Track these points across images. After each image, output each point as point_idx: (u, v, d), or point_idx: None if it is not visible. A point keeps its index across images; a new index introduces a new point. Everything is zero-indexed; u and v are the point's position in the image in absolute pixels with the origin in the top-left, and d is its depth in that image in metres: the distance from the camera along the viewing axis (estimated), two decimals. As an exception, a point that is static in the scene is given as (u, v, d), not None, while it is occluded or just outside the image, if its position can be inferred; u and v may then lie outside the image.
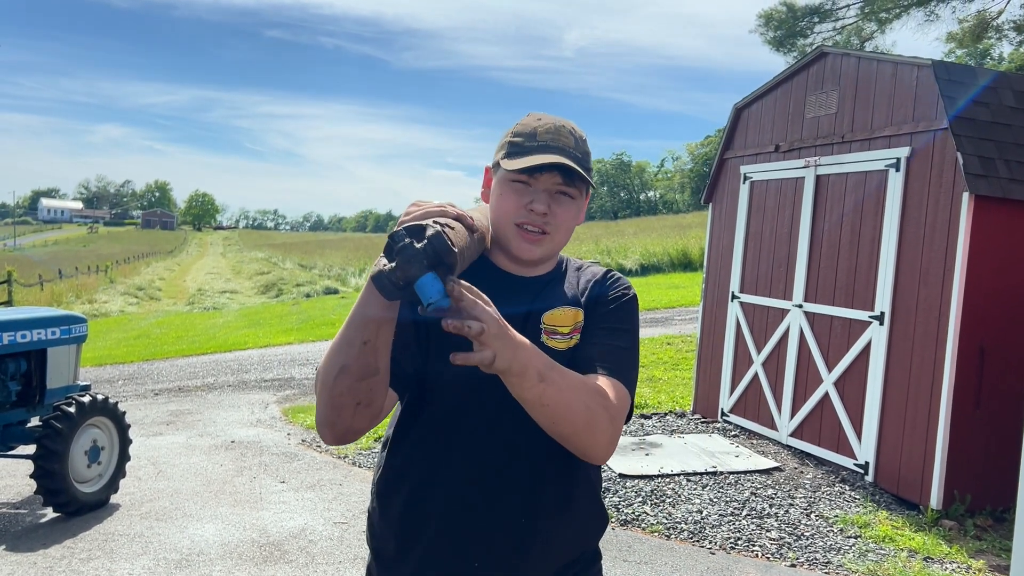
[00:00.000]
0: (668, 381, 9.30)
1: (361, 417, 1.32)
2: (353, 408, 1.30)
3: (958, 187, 4.98)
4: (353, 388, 1.28)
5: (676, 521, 4.91)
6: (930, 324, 5.16)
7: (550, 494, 1.49)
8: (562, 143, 1.45)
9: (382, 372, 1.30)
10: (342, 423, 1.32)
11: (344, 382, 1.28)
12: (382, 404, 1.36)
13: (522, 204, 1.45)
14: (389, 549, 1.52)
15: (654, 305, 17.78)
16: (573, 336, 1.50)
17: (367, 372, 1.28)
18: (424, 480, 1.48)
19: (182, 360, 11.74)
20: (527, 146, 1.45)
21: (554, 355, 1.42)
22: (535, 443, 1.44)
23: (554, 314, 1.50)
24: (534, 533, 1.47)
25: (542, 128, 1.46)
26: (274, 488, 5.45)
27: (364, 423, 1.34)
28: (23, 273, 24.08)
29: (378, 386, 1.31)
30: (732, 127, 7.32)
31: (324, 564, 4.23)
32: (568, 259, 1.65)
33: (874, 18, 19.62)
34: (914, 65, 5.38)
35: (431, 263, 1.12)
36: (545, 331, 1.48)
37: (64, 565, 4.13)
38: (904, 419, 5.34)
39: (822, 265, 6.12)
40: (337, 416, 1.31)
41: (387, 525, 1.52)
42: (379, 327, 1.26)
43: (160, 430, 7.07)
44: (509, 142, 1.48)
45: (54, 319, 5.10)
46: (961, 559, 4.47)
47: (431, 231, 1.14)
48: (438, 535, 1.47)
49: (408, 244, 1.12)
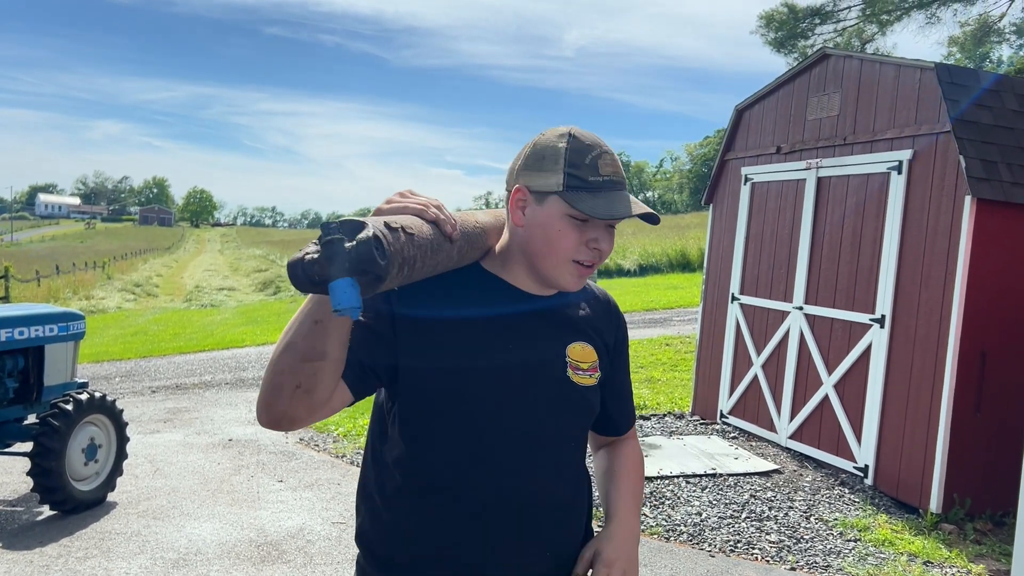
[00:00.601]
0: (667, 382, 9.28)
1: (299, 403, 1.25)
2: (292, 391, 1.24)
3: (960, 190, 4.97)
4: (295, 368, 1.23)
5: (675, 523, 4.89)
6: (931, 327, 5.15)
7: (560, 512, 1.48)
8: (621, 175, 1.39)
9: (329, 358, 1.24)
10: (278, 405, 1.26)
11: (287, 359, 1.23)
12: (326, 396, 1.27)
13: (583, 241, 1.38)
14: (390, 554, 1.46)
15: (653, 306, 17.76)
16: (593, 374, 1.49)
17: (313, 354, 1.22)
18: (433, 485, 1.42)
19: (179, 357, 11.71)
20: (592, 182, 1.35)
21: (580, 391, 1.47)
22: (558, 455, 1.47)
23: (575, 348, 1.49)
24: (545, 546, 1.46)
25: (602, 161, 1.37)
26: (272, 487, 5.43)
27: (301, 411, 1.26)
28: (20, 269, 24.04)
29: (323, 373, 1.24)
30: (733, 128, 7.30)
31: (322, 564, 4.21)
32: None
33: (875, 20, 19.63)
34: (917, 67, 5.36)
35: (352, 269, 1.02)
36: (571, 365, 1.47)
37: (61, 563, 4.11)
38: (904, 422, 5.33)
39: (823, 267, 6.11)
40: (275, 397, 1.25)
41: (390, 530, 1.46)
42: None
43: (157, 428, 7.04)
44: (569, 174, 1.35)
45: (52, 316, 5.07)
46: (961, 563, 4.46)
47: (365, 234, 1.03)
48: (441, 544, 1.41)
49: (336, 240, 1.02)
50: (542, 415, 1.43)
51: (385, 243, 1.05)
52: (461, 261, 1.38)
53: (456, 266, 1.39)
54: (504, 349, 1.41)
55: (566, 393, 1.45)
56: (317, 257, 1.03)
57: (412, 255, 1.13)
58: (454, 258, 1.32)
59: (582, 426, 1.52)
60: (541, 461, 1.44)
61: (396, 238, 1.09)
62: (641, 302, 18.23)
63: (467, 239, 1.37)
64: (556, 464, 1.46)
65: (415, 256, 1.14)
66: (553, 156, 1.37)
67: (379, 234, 1.05)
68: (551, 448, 1.45)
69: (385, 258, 1.04)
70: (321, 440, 6.68)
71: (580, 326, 1.52)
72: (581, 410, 1.49)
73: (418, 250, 1.15)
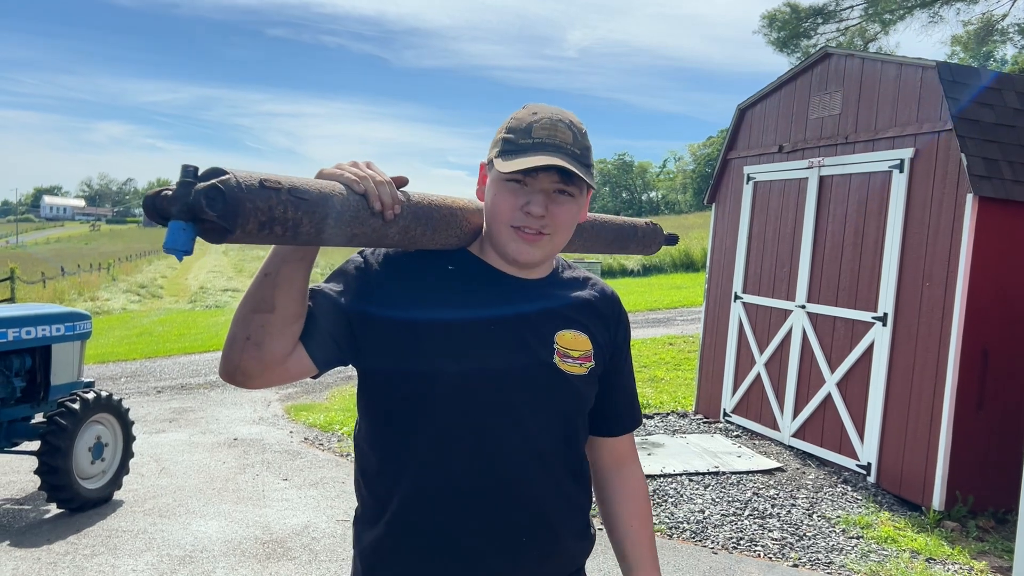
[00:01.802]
0: (670, 381, 9.30)
1: (249, 357, 1.27)
2: (243, 343, 1.27)
3: (962, 188, 4.98)
4: (246, 319, 1.27)
5: (678, 521, 4.91)
6: (933, 325, 5.17)
7: (553, 508, 1.43)
8: (559, 139, 1.34)
9: (278, 312, 1.26)
10: (232, 358, 1.28)
11: (240, 311, 1.28)
12: (277, 353, 1.28)
13: (517, 206, 1.35)
14: (378, 554, 1.43)
15: (656, 305, 17.78)
16: (584, 363, 1.45)
17: (262, 305, 1.26)
18: (422, 484, 1.38)
19: (184, 358, 11.75)
20: (522, 144, 1.34)
21: (566, 378, 1.42)
22: (544, 453, 1.41)
23: (566, 336, 1.44)
24: (534, 547, 1.41)
25: (538, 123, 1.35)
26: (277, 485, 5.45)
27: (252, 365, 1.27)
28: (25, 271, 24.12)
29: (271, 327, 1.26)
30: (736, 128, 7.32)
31: (327, 561, 4.24)
32: (562, 261, 1.57)
33: (878, 19, 19.63)
34: (919, 66, 5.38)
35: (185, 213, 1.03)
36: (558, 352, 1.43)
37: (68, 561, 4.14)
38: (907, 420, 5.34)
39: (825, 266, 6.12)
40: (229, 348, 1.29)
41: (380, 530, 1.43)
42: (281, 262, 1.26)
43: (163, 427, 7.08)
44: (503, 139, 1.37)
45: (58, 316, 5.10)
46: (963, 560, 4.47)
47: (206, 184, 1.03)
48: (433, 544, 1.38)
49: (186, 183, 1.04)
50: (518, 402, 1.39)
51: (233, 195, 1.04)
52: (419, 240, 1.35)
53: (413, 245, 1.36)
54: (484, 332, 1.39)
55: (550, 379, 1.41)
56: (168, 194, 1.06)
57: (294, 216, 1.12)
58: (393, 236, 1.29)
59: (569, 415, 1.45)
60: (522, 449, 1.39)
61: (267, 196, 1.08)
62: (645, 302, 18.25)
63: (423, 219, 1.33)
64: (540, 452, 1.41)
65: (300, 218, 1.12)
66: (500, 128, 1.40)
67: (225, 186, 1.04)
68: (534, 437, 1.40)
69: (220, 209, 1.03)
70: (326, 439, 6.71)
71: (573, 314, 1.48)
72: (567, 398, 1.43)
73: (308, 215, 1.14)
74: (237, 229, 1.06)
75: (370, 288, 1.39)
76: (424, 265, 1.43)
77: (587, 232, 1.72)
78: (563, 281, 1.51)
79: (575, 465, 1.48)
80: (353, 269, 1.43)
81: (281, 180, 1.12)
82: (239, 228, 1.06)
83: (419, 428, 1.37)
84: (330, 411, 7.72)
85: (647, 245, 1.96)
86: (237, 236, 1.07)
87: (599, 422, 1.56)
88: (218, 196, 1.03)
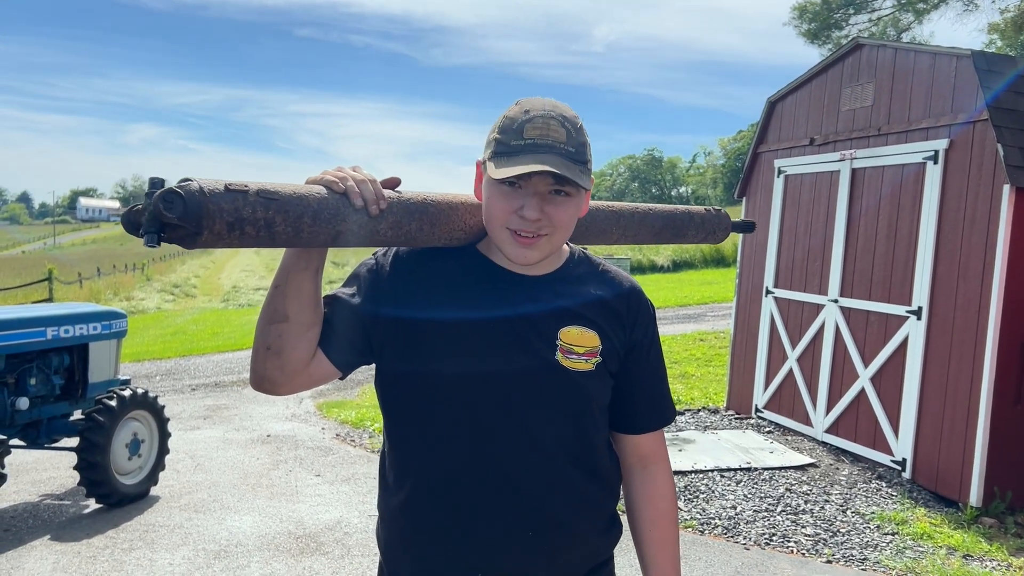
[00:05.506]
0: (701, 377, 9.25)
1: (271, 365, 1.32)
2: (264, 353, 1.33)
3: (998, 179, 4.89)
4: (264, 330, 1.32)
5: (710, 517, 4.89)
6: (969, 319, 5.08)
7: (562, 506, 1.41)
8: (552, 138, 1.30)
9: (292, 321, 1.31)
10: (256, 368, 1.35)
11: (259, 323, 1.34)
12: (298, 361, 1.33)
13: (512, 209, 1.31)
14: (391, 553, 1.47)
15: (687, 301, 17.67)
16: (590, 359, 1.41)
17: (276, 316, 1.31)
18: (423, 484, 1.40)
19: (218, 356, 11.91)
20: (513, 145, 1.30)
21: (569, 375, 1.39)
22: (549, 451, 1.39)
23: (571, 332, 1.41)
24: (543, 546, 1.39)
25: (530, 123, 1.30)
26: (309, 481, 5.51)
27: (276, 373, 1.33)
28: (62, 271, 24.57)
29: (288, 336, 1.31)
30: (766, 121, 7.25)
31: (359, 556, 4.28)
32: (587, 255, 1.53)
33: (911, 8, 19.32)
34: (953, 56, 5.29)
35: (154, 219, 1.07)
36: (562, 348, 1.39)
37: (107, 555, 4.22)
38: (943, 415, 5.26)
39: (858, 259, 6.04)
40: (254, 359, 1.35)
41: (388, 528, 1.47)
42: (288, 273, 1.31)
43: (198, 424, 7.19)
44: (495, 139, 1.33)
45: (95, 315, 5.20)
46: (1001, 557, 4.40)
47: (168, 188, 1.07)
48: (436, 543, 1.40)
49: (150, 192, 1.08)
50: (519, 401, 1.37)
51: (192, 198, 1.07)
52: (417, 236, 1.35)
53: (412, 241, 1.35)
54: (485, 332, 1.38)
55: (551, 376, 1.38)
56: (139, 208, 1.11)
57: (265, 216, 1.14)
58: (385, 232, 1.29)
59: (576, 412, 1.42)
60: (523, 449, 1.38)
61: (232, 198, 1.11)
62: (675, 298, 18.14)
63: (415, 214, 1.32)
64: (544, 451, 1.39)
65: (272, 218, 1.15)
66: (493, 126, 1.37)
67: (184, 190, 1.07)
68: (537, 436, 1.38)
69: (180, 211, 1.06)
70: (357, 435, 6.77)
71: (581, 310, 1.43)
72: (571, 395, 1.40)
73: (280, 214, 1.16)
74: (204, 231, 1.09)
75: (380, 289, 1.42)
76: (431, 264, 1.44)
77: (627, 221, 1.70)
78: (574, 275, 1.48)
79: (590, 462, 1.45)
80: (365, 272, 1.46)
81: (249, 184, 1.16)
82: (206, 229, 1.09)
83: (422, 428, 1.40)
84: (361, 408, 7.78)
85: (710, 232, 1.94)
86: (207, 238, 1.10)
87: (619, 418, 1.53)
88: (175, 199, 1.06)
